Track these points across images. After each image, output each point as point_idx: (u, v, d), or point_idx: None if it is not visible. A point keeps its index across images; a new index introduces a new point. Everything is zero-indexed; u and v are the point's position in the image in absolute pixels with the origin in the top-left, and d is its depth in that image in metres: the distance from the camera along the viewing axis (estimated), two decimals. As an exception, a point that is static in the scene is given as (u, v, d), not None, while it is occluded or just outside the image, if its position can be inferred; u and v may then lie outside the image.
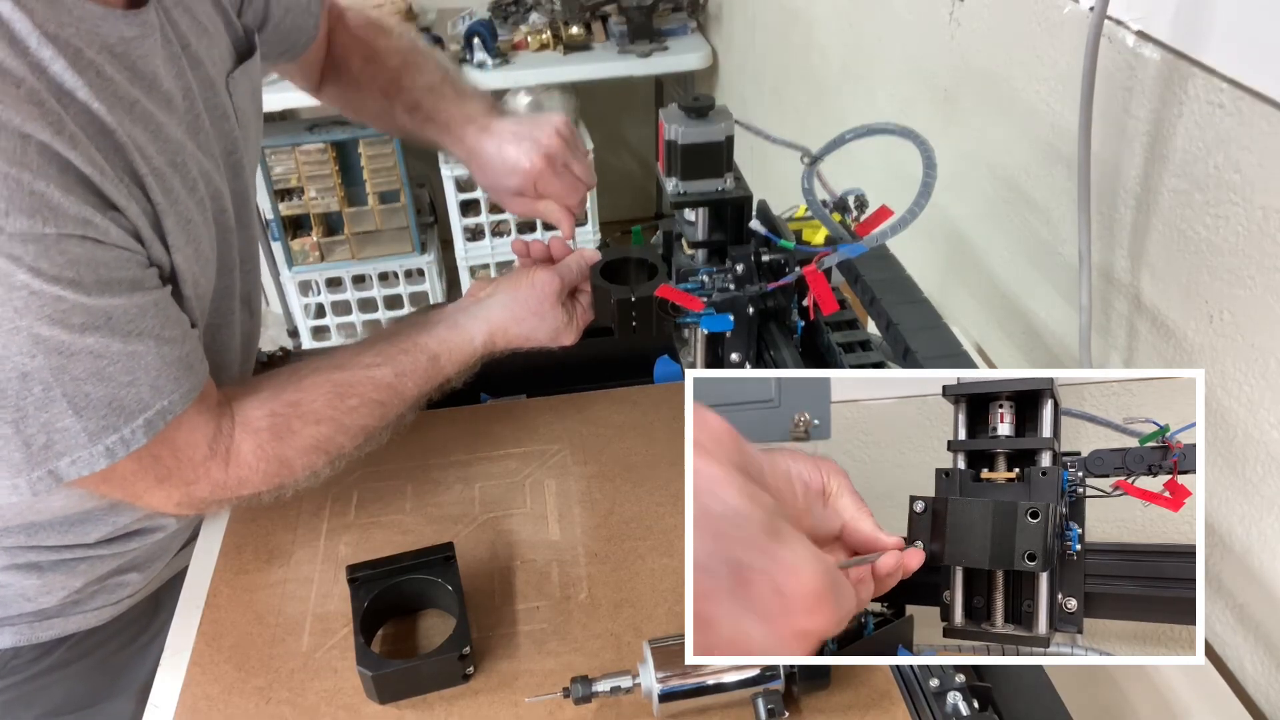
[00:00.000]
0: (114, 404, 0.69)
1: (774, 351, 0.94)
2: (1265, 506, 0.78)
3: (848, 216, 0.87)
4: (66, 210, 0.64)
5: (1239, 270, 0.77)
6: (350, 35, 1.07)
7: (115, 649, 0.98)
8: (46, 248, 0.63)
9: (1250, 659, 0.81)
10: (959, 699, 0.61)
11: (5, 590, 0.88)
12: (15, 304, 0.63)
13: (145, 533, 0.94)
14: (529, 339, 0.90)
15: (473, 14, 2.62)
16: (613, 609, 0.83)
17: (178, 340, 0.73)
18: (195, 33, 0.82)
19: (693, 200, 0.87)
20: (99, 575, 0.92)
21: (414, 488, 0.96)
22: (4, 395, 0.66)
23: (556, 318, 0.90)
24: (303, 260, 2.59)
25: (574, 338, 0.92)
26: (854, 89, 1.64)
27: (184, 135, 0.78)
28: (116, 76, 0.71)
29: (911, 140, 0.75)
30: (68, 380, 0.67)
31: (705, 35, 2.65)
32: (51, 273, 0.64)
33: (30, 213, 0.62)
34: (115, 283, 0.68)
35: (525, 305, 0.89)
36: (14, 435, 0.67)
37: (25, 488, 0.69)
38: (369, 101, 1.06)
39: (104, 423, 0.69)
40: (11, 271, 0.62)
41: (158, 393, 0.71)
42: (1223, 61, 0.76)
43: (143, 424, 0.71)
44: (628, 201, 3.26)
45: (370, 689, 0.75)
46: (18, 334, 0.64)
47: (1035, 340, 1.10)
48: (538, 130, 0.94)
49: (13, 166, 0.61)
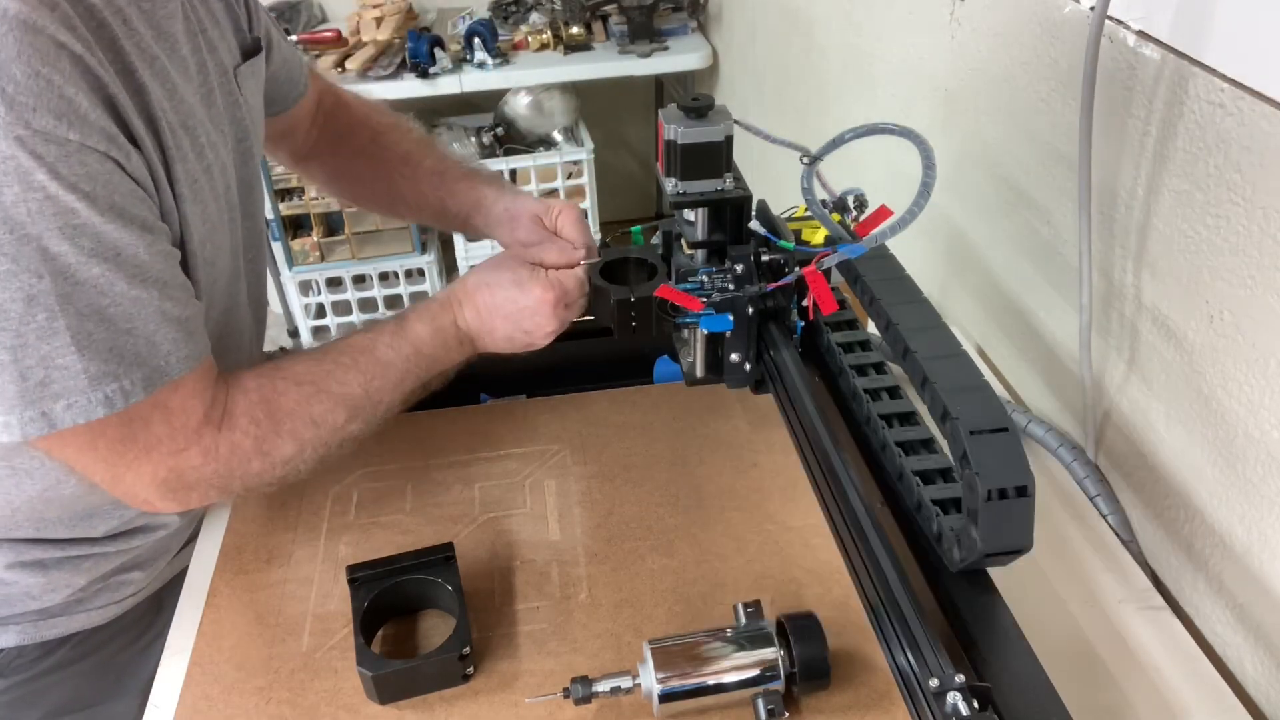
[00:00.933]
0: (115, 350, 0.67)
1: (773, 351, 0.94)
2: (1265, 506, 0.78)
3: (847, 216, 0.87)
4: (93, 121, 0.64)
5: (1239, 270, 0.77)
6: (354, 116, 1.11)
7: (118, 648, 0.97)
8: (68, 153, 0.63)
9: (1250, 659, 0.81)
10: (959, 699, 0.61)
11: (10, 588, 0.88)
12: (30, 206, 0.62)
13: (149, 529, 0.94)
14: (504, 299, 0.86)
15: (473, 14, 2.62)
16: (613, 609, 0.83)
17: (180, 302, 0.72)
18: (210, 22, 0.84)
19: (692, 200, 0.87)
20: (103, 573, 0.92)
21: (414, 488, 0.96)
22: (6, 316, 0.64)
23: (529, 277, 0.86)
24: (303, 260, 2.59)
25: (555, 310, 0.86)
26: (854, 89, 1.64)
27: (198, 103, 0.79)
28: (141, 29, 0.71)
29: (911, 140, 0.75)
30: (72, 312, 0.65)
31: (705, 35, 2.65)
32: (70, 179, 0.63)
33: (58, 114, 0.62)
34: (128, 213, 0.67)
35: (492, 265, 0.89)
36: (10, 365, 0.65)
37: (16, 427, 0.66)
38: (376, 179, 1.09)
39: (105, 367, 0.67)
40: (32, 169, 0.61)
41: (154, 349, 0.70)
42: (1223, 61, 0.76)
43: (142, 379, 0.69)
44: (628, 201, 3.26)
45: (370, 689, 0.75)
46: (29, 244, 0.63)
47: (1035, 340, 1.10)
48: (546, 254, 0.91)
49: (45, 66, 0.61)
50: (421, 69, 2.40)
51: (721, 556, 0.87)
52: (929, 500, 0.74)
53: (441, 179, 1.05)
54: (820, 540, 0.88)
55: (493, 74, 2.46)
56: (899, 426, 0.82)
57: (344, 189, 1.16)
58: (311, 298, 2.68)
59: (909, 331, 0.73)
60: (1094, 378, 0.98)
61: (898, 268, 0.82)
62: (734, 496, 0.93)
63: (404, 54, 2.44)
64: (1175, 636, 0.83)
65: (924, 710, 0.65)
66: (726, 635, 0.73)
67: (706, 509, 0.92)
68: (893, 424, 0.82)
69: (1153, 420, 0.91)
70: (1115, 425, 0.97)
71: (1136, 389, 0.93)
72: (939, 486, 0.75)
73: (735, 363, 0.96)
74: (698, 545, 0.88)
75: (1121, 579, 0.88)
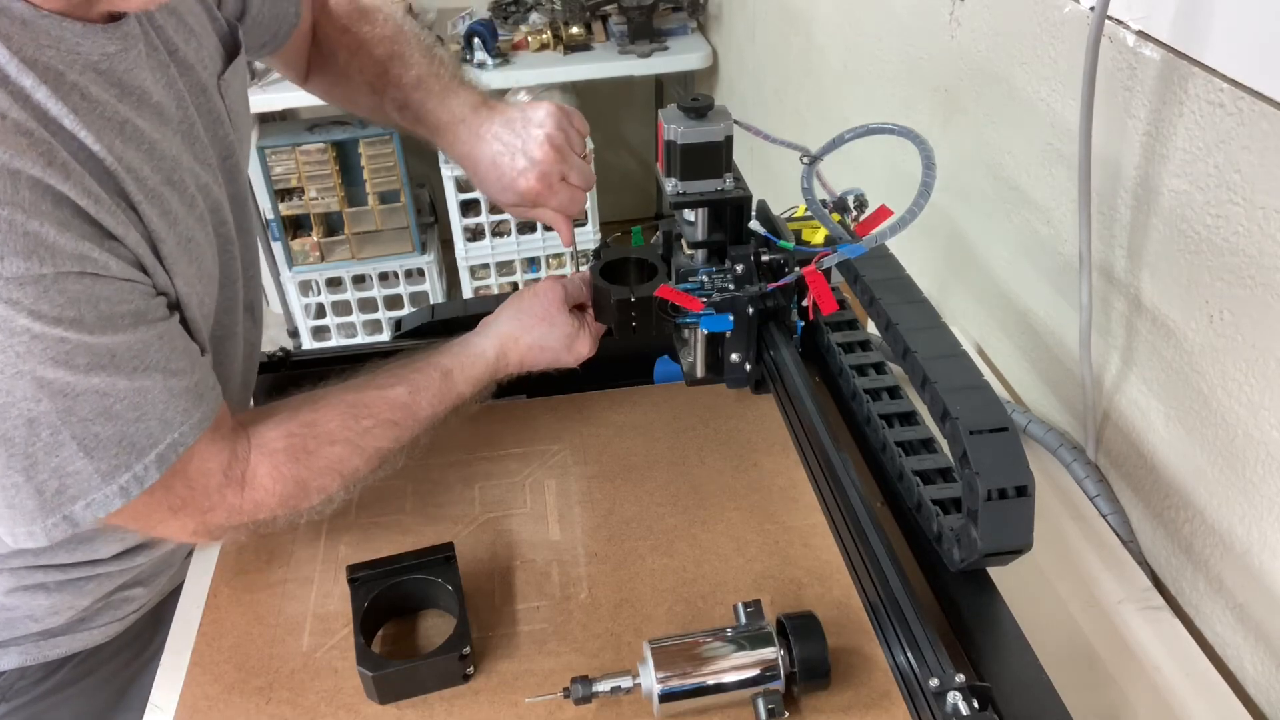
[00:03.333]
0: (124, 441, 0.68)
1: (773, 351, 0.94)
2: (1265, 506, 0.78)
3: (847, 216, 0.87)
4: (63, 248, 0.62)
5: (1239, 270, 0.77)
6: (335, 25, 1.02)
7: (120, 665, 0.97)
8: (45, 289, 0.62)
9: (1250, 659, 0.81)
10: (959, 699, 0.61)
11: (12, 613, 0.87)
12: (17, 349, 0.62)
13: (153, 546, 0.93)
14: (543, 347, 0.89)
15: (473, 14, 2.62)
16: (613, 609, 0.83)
17: (185, 371, 0.72)
18: (183, 36, 0.80)
19: (692, 200, 0.87)
20: (106, 592, 0.92)
21: (414, 488, 0.96)
22: (11, 444, 0.65)
23: (566, 323, 0.90)
24: (303, 260, 2.59)
25: (590, 347, 0.92)
26: (854, 89, 1.64)
27: (180, 148, 0.77)
28: (103, 96, 0.69)
29: (911, 140, 0.75)
30: (75, 422, 0.66)
31: (705, 35, 2.65)
32: (52, 314, 0.62)
33: (26, 254, 0.60)
34: (118, 318, 0.67)
35: (532, 312, 0.89)
36: (25, 483, 0.66)
37: (41, 534, 0.68)
38: (359, 96, 1.02)
39: (115, 461, 0.68)
40: (11, 317, 0.61)
41: (167, 426, 0.70)
42: (1223, 61, 0.76)
43: (155, 459, 0.70)
44: (628, 201, 3.26)
45: (370, 689, 0.75)
46: (21, 379, 0.63)
47: (1035, 340, 1.10)
48: (529, 143, 0.90)
49: (4, 207, 0.59)
50: (421, 69, 2.40)
51: (721, 556, 0.87)
52: (929, 500, 0.74)
53: (414, 113, 0.99)
54: (820, 540, 0.88)
55: (493, 74, 2.46)
56: (899, 426, 0.82)
57: (345, 108, 1.09)
58: (311, 298, 2.68)
59: (909, 331, 0.73)
60: (1094, 378, 0.98)
61: (898, 268, 0.82)
62: (734, 496, 0.93)
63: (404, 54, 2.44)
64: (1175, 636, 0.83)
65: (924, 710, 0.65)
66: (726, 635, 0.73)
67: (706, 509, 0.92)
68: (893, 424, 0.82)
69: (1152, 420, 0.91)
70: (1115, 425, 0.97)
71: (1136, 389, 0.93)
72: (939, 486, 0.75)
73: (735, 363, 0.96)
74: (698, 545, 0.88)
75: (1121, 579, 0.88)
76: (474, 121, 0.94)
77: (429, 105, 0.97)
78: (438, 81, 0.98)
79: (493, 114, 0.94)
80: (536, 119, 0.91)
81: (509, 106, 0.95)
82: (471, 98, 0.96)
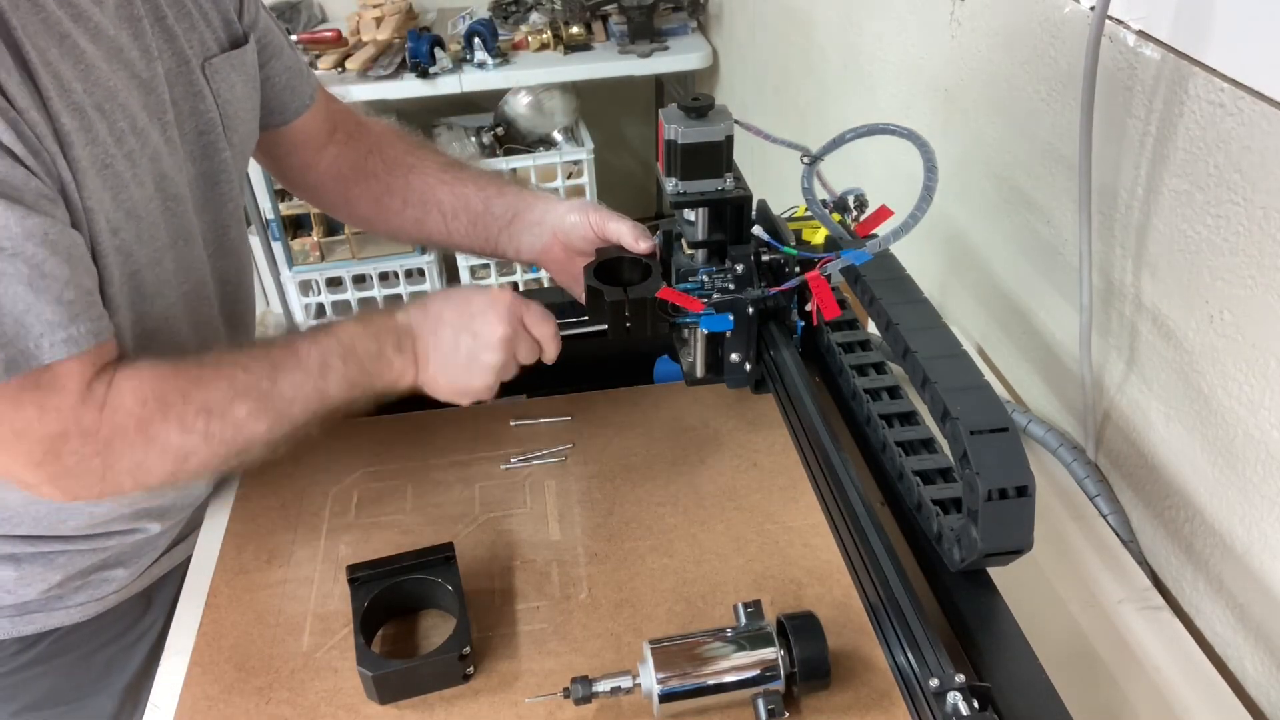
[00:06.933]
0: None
1: (773, 351, 0.94)
2: (1266, 506, 0.78)
3: (847, 216, 0.87)
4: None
5: (1239, 270, 0.77)
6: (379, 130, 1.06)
7: (100, 645, 0.97)
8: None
9: (1250, 659, 0.81)
10: (959, 699, 0.61)
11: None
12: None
13: (124, 533, 0.94)
14: (457, 297, 0.83)
15: (473, 14, 2.62)
16: (613, 609, 0.83)
17: (61, 280, 0.67)
18: (177, 12, 0.81)
19: (692, 200, 0.87)
20: (80, 569, 0.92)
21: (414, 488, 0.96)
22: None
23: (488, 307, 0.82)
24: (303, 260, 2.59)
25: (510, 313, 0.82)
26: (854, 89, 1.64)
27: (129, 90, 0.76)
28: (53, 9, 0.70)
29: (913, 142, 0.75)
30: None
31: (705, 35, 2.65)
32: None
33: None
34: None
35: (457, 293, 0.85)
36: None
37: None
38: (412, 182, 1.02)
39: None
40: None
41: (23, 331, 0.66)
42: (1223, 61, 0.76)
43: (4, 360, 0.65)
44: (628, 201, 3.26)
45: (370, 689, 0.75)
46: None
47: (1035, 340, 1.10)
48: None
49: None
50: (421, 69, 2.40)
51: (721, 556, 0.87)
52: (929, 500, 0.74)
53: (480, 186, 1.01)
54: (820, 540, 0.88)
55: (493, 74, 2.46)
56: (899, 426, 0.82)
57: (374, 217, 1.06)
58: (311, 298, 2.68)
59: (909, 331, 0.73)
60: (1094, 377, 0.98)
61: (898, 268, 0.82)
62: (734, 496, 0.93)
63: (404, 54, 2.44)
64: (1175, 636, 0.83)
65: (924, 710, 0.65)
66: (726, 635, 0.72)
67: (706, 509, 0.92)
68: (893, 424, 0.82)
69: (1153, 420, 0.91)
70: (1115, 425, 0.97)
71: (1136, 389, 0.93)
72: (939, 486, 0.76)
73: (735, 363, 0.96)
74: (698, 545, 0.88)
75: (1121, 579, 0.88)
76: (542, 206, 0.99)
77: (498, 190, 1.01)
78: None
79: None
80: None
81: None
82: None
